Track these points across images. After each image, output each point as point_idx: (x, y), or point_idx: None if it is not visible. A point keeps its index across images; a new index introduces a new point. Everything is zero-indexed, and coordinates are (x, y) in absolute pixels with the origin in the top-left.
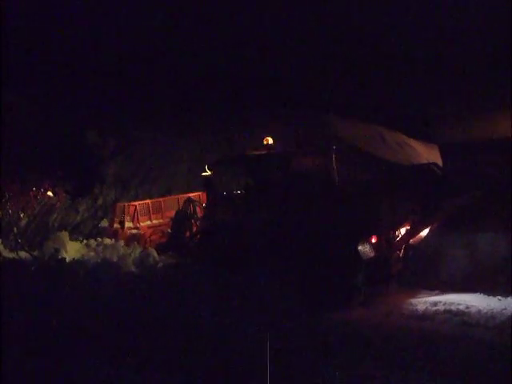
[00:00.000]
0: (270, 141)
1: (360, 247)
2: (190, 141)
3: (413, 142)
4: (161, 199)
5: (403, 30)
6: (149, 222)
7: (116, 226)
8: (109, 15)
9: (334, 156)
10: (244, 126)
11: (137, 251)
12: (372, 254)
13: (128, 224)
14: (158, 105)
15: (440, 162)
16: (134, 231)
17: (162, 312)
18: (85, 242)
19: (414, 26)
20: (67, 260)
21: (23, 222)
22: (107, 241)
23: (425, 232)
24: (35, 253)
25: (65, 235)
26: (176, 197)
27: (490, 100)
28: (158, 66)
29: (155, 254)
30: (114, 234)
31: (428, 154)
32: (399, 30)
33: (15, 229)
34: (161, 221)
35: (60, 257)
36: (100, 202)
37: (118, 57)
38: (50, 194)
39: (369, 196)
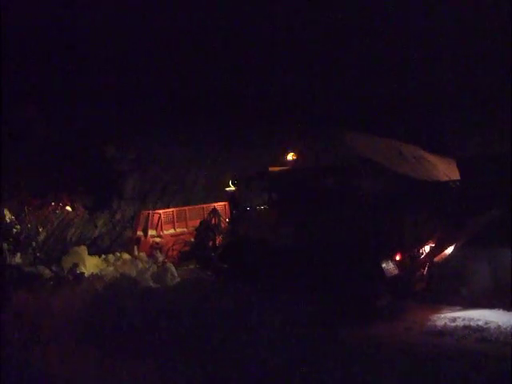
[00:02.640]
0: (293, 157)
1: (384, 264)
2: (208, 155)
3: (430, 156)
4: (186, 208)
5: (421, 45)
6: (172, 231)
7: (139, 233)
8: (128, 32)
9: (355, 172)
10: (264, 142)
11: (155, 266)
12: (396, 272)
13: (151, 232)
14: (176, 120)
15: (458, 177)
16: (157, 239)
17: (180, 327)
18: (103, 256)
19: (431, 41)
20: (86, 274)
21: (42, 237)
22: (125, 255)
23: (449, 250)
24: (53, 267)
25: (83, 250)
26: (201, 206)
27: (507, 113)
28: (177, 82)
29: (173, 269)
30: (137, 242)
31: (446, 169)
32: (417, 45)
33: (34, 243)
34: (184, 229)
35: (79, 271)
36: (118, 216)
37: (136, 73)
38: (68, 208)
39: (393, 213)
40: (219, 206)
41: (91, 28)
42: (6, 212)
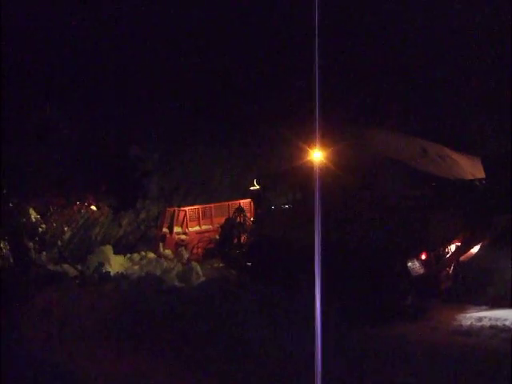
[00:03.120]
0: (316, 155)
1: (409, 264)
2: (233, 154)
3: (455, 155)
4: (211, 205)
5: (447, 42)
6: (198, 228)
7: (165, 230)
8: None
9: (378, 171)
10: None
11: (180, 265)
12: (421, 271)
13: (177, 229)
14: (200, 118)
15: (483, 175)
16: (183, 236)
17: (205, 327)
18: (128, 255)
19: (457, 38)
20: (111, 274)
21: (67, 236)
22: (150, 254)
23: (475, 249)
24: (79, 266)
25: (108, 249)
26: (227, 203)
27: None
28: (200, 82)
29: (198, 268)
30: (162, 239)
31: (471, 167)
32: (442, 42)
33: (59, 242)
34: (210, 227)
35: (104, 271)
36: (143, 215)
37: (159, 73)
38: (93, 207)
39: (418, 212)
40: (245, 203)
41: (116, 29)
42: (32, 211)
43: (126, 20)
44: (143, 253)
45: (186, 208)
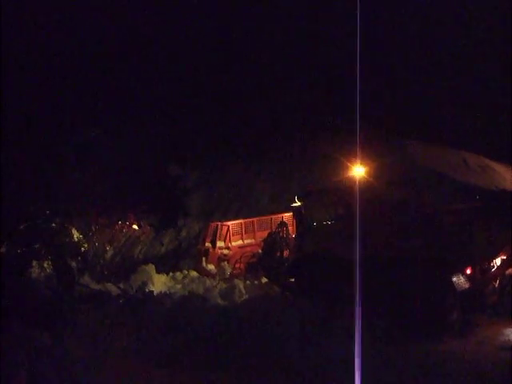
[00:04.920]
0: (357, 170)
1: (454, 278)
2: (272, 170)
3: (496, 165)
4: (254, 219)
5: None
6: (240, 242)
7: (207, 245)
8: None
9: (419, 184)
10: (327, 155)
11: (222, 283)
12: (467, 286)
13: (220, 243)
14: (239, 135)
15: None
16: (225, 251)
17: (251, 346)
18: (171, 274)
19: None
20: (154, 293)
21: (109, 255)
22: (193, 273)
23: None
24: (121, 285)
25: (151, 268)
26: (269, 217)
27: None
28: (239, 99)
29: (241, 285)
30: (205, 254)
31: (511, 177)
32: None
33: (101, 261)
34: (252, 241)
35: (147, 290)
36: (184, 233)
37: (198, 92)
38: (135, 226)
39: (462, 225)
40: (287, 217)
41: (154, 53)
42: (74, 231)
43: (164, 42)
44: (185, 271)
45: (229, 222)
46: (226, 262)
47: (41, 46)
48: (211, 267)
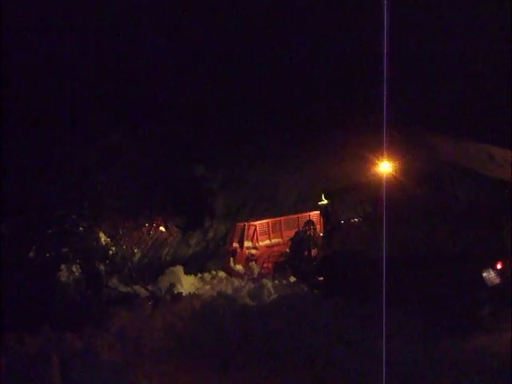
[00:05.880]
0: (383, 167)
1: (485, 274)
2: (298, 169)
3: None
4: (281, 218)
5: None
6: (268, 242)
7: (235, 245)
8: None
9: (446, 179)
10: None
11: (251, 283)
12: (497, 281)
13: (247, 243)
14: (264, 134)
15: None
16: (253, 251)
17: (281, 346)
18: (199, 275)
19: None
20: (183, 294)
21: (137, 257)
22: (221, 273)
23: None
24: (150, 287)
25: (179, 269)
26: (296, 216)
27: None
28: (264, 99)
29: (270, 285)
30: (233, 254)
31: None
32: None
33: (129, 264)
34: (280, 240)
35: (176, 291)
36: (211, 234)
37: (223, 93)
38: (161, 228)
39: (491, 220)
40: (314, 215)
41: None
42: (102, 234)
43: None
44: (213, 272)
45: (256, 222)
46: (253, 262)
47: (69, 49)
48: (239, 267)
